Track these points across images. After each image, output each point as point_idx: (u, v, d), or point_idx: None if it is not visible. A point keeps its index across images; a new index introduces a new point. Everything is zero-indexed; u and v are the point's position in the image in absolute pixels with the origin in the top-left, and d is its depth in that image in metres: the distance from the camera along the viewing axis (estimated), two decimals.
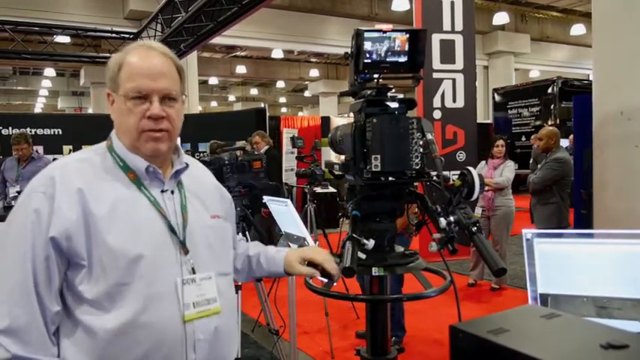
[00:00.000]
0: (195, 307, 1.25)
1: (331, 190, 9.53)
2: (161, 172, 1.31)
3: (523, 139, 13.00)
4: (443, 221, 1.38)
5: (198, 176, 1.46)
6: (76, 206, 1.19)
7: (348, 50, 1.51)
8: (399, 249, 1.64)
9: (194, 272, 1.28)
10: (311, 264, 1.52)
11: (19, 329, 1.15)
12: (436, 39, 6.81)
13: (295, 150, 6.14)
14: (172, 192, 1.33)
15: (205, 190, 1.43)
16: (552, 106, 12.88)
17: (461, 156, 7.01)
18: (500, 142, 5.72)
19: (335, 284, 1.65)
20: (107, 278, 1.18)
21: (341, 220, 4.27)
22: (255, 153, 5.74)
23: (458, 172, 1.50)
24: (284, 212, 2.98)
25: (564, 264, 1.50)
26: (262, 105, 11.36)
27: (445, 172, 1.45)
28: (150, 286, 1.20)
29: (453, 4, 6.90)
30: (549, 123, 12.17)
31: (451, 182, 1.47)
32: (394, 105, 1.53)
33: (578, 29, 16.49)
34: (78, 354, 1.19)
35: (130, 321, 1.18)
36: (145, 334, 1.19)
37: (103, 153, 1.32)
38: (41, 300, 1.17)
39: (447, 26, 6.89)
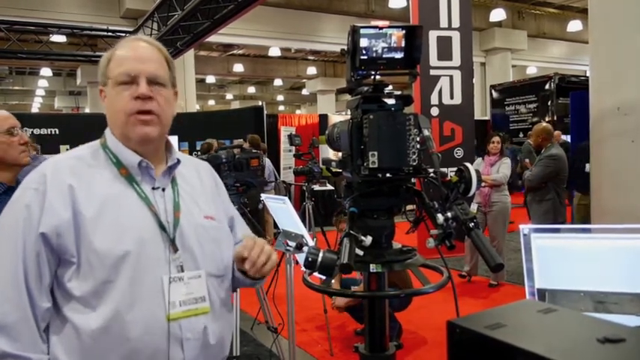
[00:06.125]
0: (181, 306, 1.23)
1: (329, 187, 9.53)
2: (153, 169, 1.31)
3: (521, 135, 13.00)
4: (440, 217, 1.37)
5: (196, 176, 1.44)
6: (66, 203, 1.19)
7: (345, 47, 1.51)
8: (397, 245, 1.64)
9: (182, 270, 1.26)
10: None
11: (8, 326, 1.14)
12: (433, 36, 6.81)
13: (293, 148, 6.13)
14: (164, 189, 1.32)
15: (201, 191, 1.42)
16: (550, 103, 12.88)
17: (458, 152, 7.01)
18: (496, 138, 5.71)
19: (333, 281, 1.65)
20: (94, 276, 1.18)
21: (335, 219, 4.26)
22: (253, 151, 5.73)
23: (455, 168, 1.51)
24: (282, 210, 2.98)
25: (561, 259, 1.50)
26: (260, 103, 11.34)
27: (442, 169, 1.45)
28: (135, 283, 1.19)
29: (449, 0, 6.90)
30: (547, 119, 12.17)
31: (448, 178, 1.47)
32: (391, 101, 1.53)
33: (575, 25, 16.49)
34: (66, 352, 1.18)
35: (115, 318, 1.17)
36: (129, 332, 1.18)
37: (97, 150, 1.32)
38: (32, 296, 1.17)
39: (443, 23, 6.89)
